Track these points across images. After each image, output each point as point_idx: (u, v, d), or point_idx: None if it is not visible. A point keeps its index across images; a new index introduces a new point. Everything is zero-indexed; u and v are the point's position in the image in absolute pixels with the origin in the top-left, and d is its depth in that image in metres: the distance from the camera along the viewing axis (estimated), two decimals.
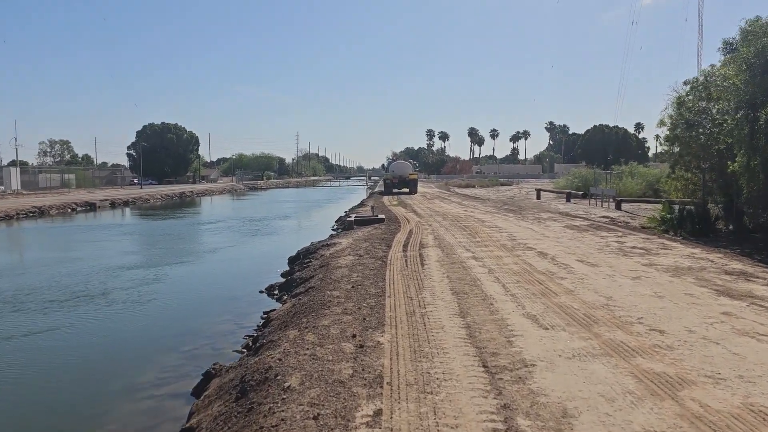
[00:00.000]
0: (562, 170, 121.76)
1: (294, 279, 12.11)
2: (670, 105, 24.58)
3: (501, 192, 58.99)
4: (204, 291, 13.56)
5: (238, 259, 18.87)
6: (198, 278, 15.46)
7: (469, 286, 9.34)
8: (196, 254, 20.08)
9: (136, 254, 20.08)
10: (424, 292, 8.86)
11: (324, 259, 13.29)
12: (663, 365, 5.46)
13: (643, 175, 44.48)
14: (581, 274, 10.37)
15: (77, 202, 46.30)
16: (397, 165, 52.73)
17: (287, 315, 8.44)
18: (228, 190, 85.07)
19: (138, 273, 15.62)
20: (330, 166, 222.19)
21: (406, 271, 10.85)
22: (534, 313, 7.47)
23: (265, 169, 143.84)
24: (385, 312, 7.64)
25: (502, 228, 18.86)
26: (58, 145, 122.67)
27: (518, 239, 15.75)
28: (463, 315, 7.43)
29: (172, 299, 12.44)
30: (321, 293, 8.96)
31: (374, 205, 30.09)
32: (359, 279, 9.96)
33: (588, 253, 13.07)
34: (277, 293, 12.21)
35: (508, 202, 36.45)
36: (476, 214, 25.60)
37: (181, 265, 17.40)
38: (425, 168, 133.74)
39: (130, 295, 12.71)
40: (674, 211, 20.99)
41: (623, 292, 8.72)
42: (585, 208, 31.24)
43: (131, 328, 10.12)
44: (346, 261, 11.98)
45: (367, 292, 8.92)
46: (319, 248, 15.76)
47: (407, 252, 13.41)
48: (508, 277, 10.12)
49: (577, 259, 12.09)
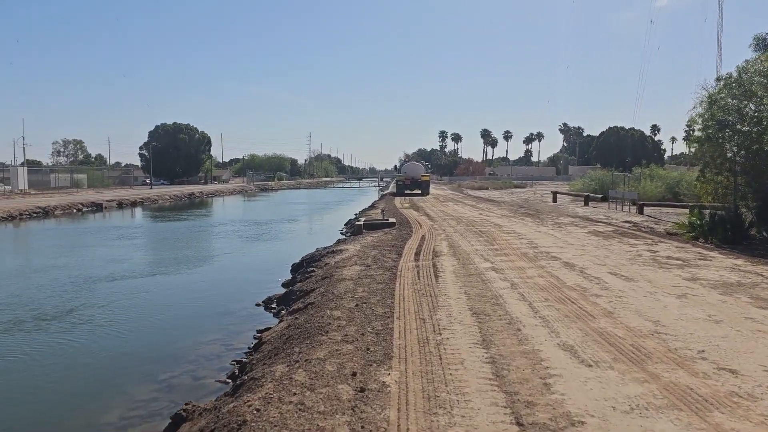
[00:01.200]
0: (576, 172, 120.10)
1: (294, 292, 10.95)
2: (698, 104, 23.20)
3: (515, 194, 57.63)
4: (197, 304, 12.37)
5: (238, 266, 17.73)
6: (192, 288, 14.23)
7: (490, 305, 8.12)
8: (195, 261, 18.81)
9: (128, 261, 18.50)
10: (439, 313, 7.66)
11: (328, 268, 12.12)
12: (752, 426, 4.22)
13: (662, 177, 42.95)
14: (617, 290, 9.12)
15: (83, 203, 45.55)
16: (409, 166, 52.35)
17: (280, 339, 7.28)
18: (238, 191, 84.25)
19: (124, 283, 14.31)
20: (342, 168, 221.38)
21: (418, 284, 9.65)
22: (571, 343, 6.24)
23: (277, 170, 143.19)
24: (393, 339, 6.46)
25: (522, 234, 17.60)
26: (72, 145, 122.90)
27: (540, 247, 14.49)
28: (487, 344, 6.22)
29: (159, 314, 11.24)
30: (320, 312, 7.79)
31: (385, 208, 28.95)
32: (365, 295, 8.77)
33: (619, 264, 11.79)
34: (275, 307, 11.05)
35: (524, 205, 35.12)
36: (492, 218, 24.33)
37: (176, 274, 16.17)
38: (438, 169, 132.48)
39: (109, 311, 11.35)
40: (704, 216, 19.69)
41: (672, 315, 7.47)
42: (605, 212, 29.90)
43: (103, 352, 8.86)
44: (351, 272, 10.79)
45: (373, 312, 7.73)
46: (325, 255, 14.61)
47: (419, 261, 12.21)
48: (535, 293, 8.89)
49: (610, 272, 10.83)
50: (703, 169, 21.03)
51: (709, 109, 19.56)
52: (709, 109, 19.56)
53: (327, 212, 43.44)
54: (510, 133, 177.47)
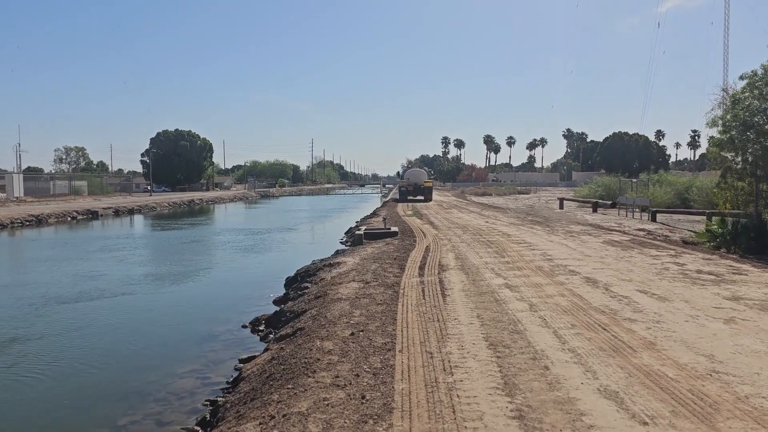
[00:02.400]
0: (580, 178, 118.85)
1: (284, 312, 9.76)
2: (716, 105, 22.01)
3: (520, 201, 56.47)
4: (177, 326, 11.05)
5: (228, 281, 16.42)
6: (174, 308, 12.87)
7: (508, 333, 6.94)
8: (182, 275, 17.31)
9: (105, 276, 16.66)
10: (449, 344, 6.49)
11: (323, 285, 10.95)
12: None
13: (671, 183, 41.77)
14: (653, 313, 7.93)
15: (78, 211, 44.52)
16: (412, 173, 52.41)
17: (260, 377, 6.12)
18: (239, 198, 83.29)
19: (95, 304, 12.85)
20: (344, 174, 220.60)
21: (423, 306, 8.48)
22: (614, 388, 5.06)
23: (280, 177, 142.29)
24: (394, 382, 5.29)
25: (533, 244, 16.41)
26: (74, 152, 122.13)
27: (555, 259, 13.31)
28: (510, 390, 5.05)
29: (131, 340, 9.98)
30: (309, 343, 6.62)
31: (387, 216, 27.77)
32: (362, 320, 7.60)
33: (647, 279, 10.60)
34: (262, 330, 9.87)
35: (531, 212, 33.94)
36: (499, 226, 23.15)
37: (158, 291, 14.73)
38: (440, 176, 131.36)
39: (70, 337, 9.96)
40: (726, 224, 18.53)
41: (726, 348, 6.28)
42: (616, 219, 28.70)
43: (55, 389, 7.60)
44: (348, 290, 9.62)
45: (371, 342, 6.56)
46: (321, 269, 13.45)
47: (424, 277, 11.03)
48: (558, 317, 7.71)
49: (638, 290, 9.64)
50: (724, 174, 19.87)
51: (731, 110, 18.41)
52: (731, 110, 18.41)
53: (327, 220, 42.28)
54: (513, 139, 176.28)
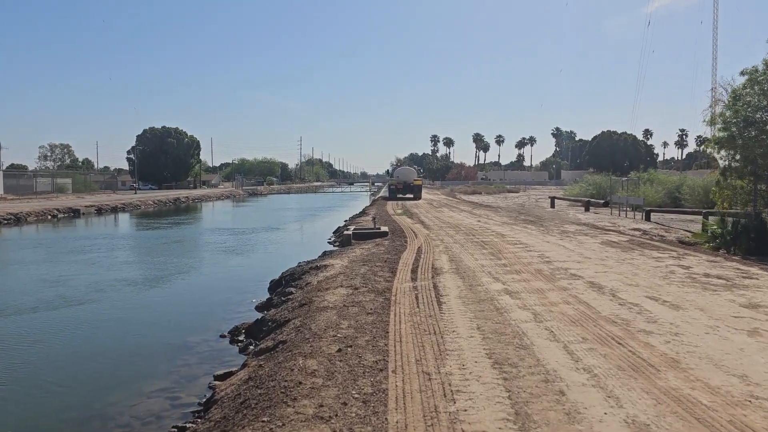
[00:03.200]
0: (569, 177, 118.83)
1: (265, 321, 8.98)
2: (714, 102, 21.47)
3: (509, 199, 56.02)
4: (150, 336, 10.14)
5: (209, 284, 15.48)
6: (149, 315, 11.86)
7: (514, 348, 6.22)
8: (159, 279, 16.15)
9: (76, 281, 15.35)
10: (449, 362, 5.76)
11: (309, 290, 10.18)
12: None
13: (662, 182, 41.41)
14: (668, 323, 7.25)
15: (60, 209, 43.31)
16: (401, 171, 53.06)
17: (233, 402, 5.35)
18: (226, 196, 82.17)
19: (58, 314, 11.61)
20: (333, 172, 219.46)
21: (417, 315, 7.74)
22: (644, 419, 4.35)
23: (268, 174, 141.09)
24: (388, 413, 4.54)
25: (529, 245, 15.74)
26: (59, 149, 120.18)
27: (554, 261, 12.63)
28: (523, 423, 4.32)
29: (97, 352, 9.10)
30: (290, 362, 5.86)
31: (376, 215, 27.02)
32: (350, 333, 6.85)
33: (654, 284, 9.94)
34: (242, 340, 9.08)
35: (522, 211, 33.36)
36: (492, 225, 22.49)
37: (132, 297, 13.47)
38: (430, 174, 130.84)
39: (30, 351, 9.02)
40: (726, 224, 18.01)
41: (758, 365, 5.60)
42: (609, 219, 28.18)
43: (4, 414, 6.71)
44: (335, 297, 8.86)
45: (361, 361, 5.81)
46: (307, 272, 12.68)
47: (417, 281, 10.30)
48: (566, 329, 7.00)
49: (647, 296, 8.97)
50: (724, 173, 19.34)
51: (732, 106, 17.87)
52: (732, 106, 17.87)
53: (315, 219, 41.45)
54: (502, 138, 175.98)
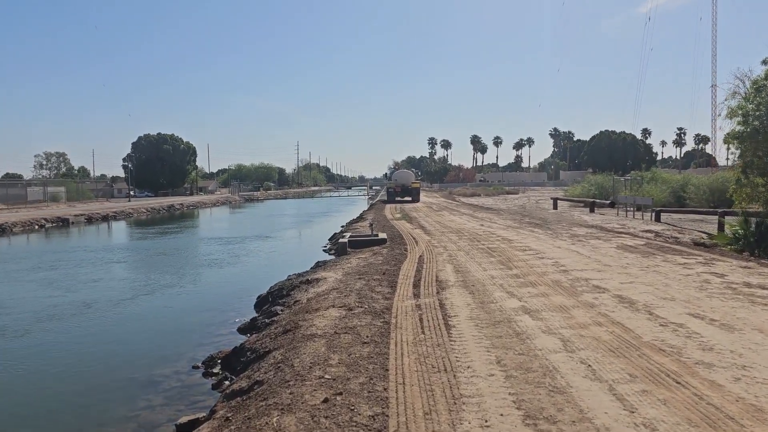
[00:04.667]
0: (568, 177, 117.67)
1: (244, 351, 7.65)
2: (731, 95, 20.23)
3: (509, 201, 54.83)
4: (111, 369, 8.59)
5: (189, 303, 13.65)
6: (114, 342, 10.16)
7: (547, 392, 4.92)
8: (134, 298, 14.10)
9: (28, 303, 13.56)
10: (466, 415, 4.45)
11: (296, 310, 8.87)
12: None
13: (666, 181, 40.28)
14: (727, 351, 5.97)
15: (48, 218, 41.93)
16: (399, 174, 53.65)
17: None
18: (222, 202, 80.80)
19: (16, 342, 9.95)
20: (331, 176, 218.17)
21: (422, 345, 6.44)
22: None
23: (265, 180, 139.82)
24: None
25: (540, 251, 14.45)
26: (54, 158, 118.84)
27: (571, 271, 11.34)
28: None
29: (42, 392, 7.69)
30: (262, 419, 4.54)
31: (374, 220, 25.72)
32: (341, 372, 5.54)
33: (691, 297, 8.66)
34: (218, 372, 7.76)
35: (526, 214, 32.09)
36: (496, 229, 21.20)
37: (96, 321, 11.64)
38: (428, 177, 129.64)
39: None
40: (750, 225, 16.84)
41: None
42: (617, 220, 26.96)
43: None
44: (325, 321, 7.55)
45: (353, 417, 4.49)
46: (297, 287, 11.38)
47: (420, 298, 9.01)
48: (607, 362, 5.70)
49: (689, 313, 7.69)
50: (744, 170, 18.09)
51: (753, 98, 16.65)
52: (753, 98, 16.65)
53: (311, 225, 40.14)
54: (500, 139, 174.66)
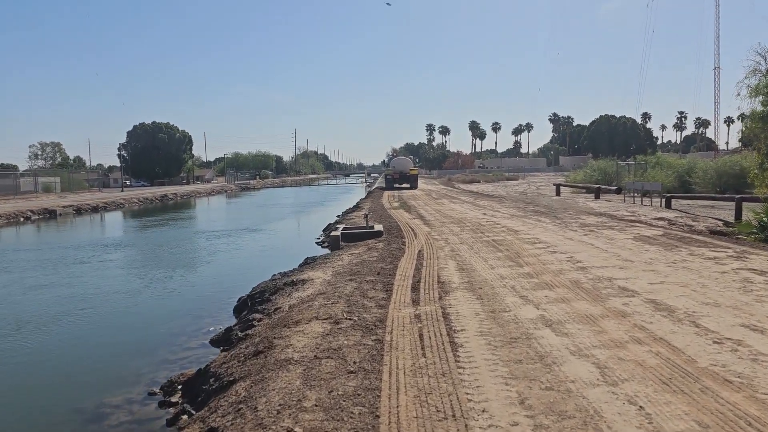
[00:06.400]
0: (568, 163, 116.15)
1: (208, 376, 6.35)
2: (750, 73, 18.89)
3: (510, 187, 53.59)
4: (52, 393, 7.23)
5: (161, 307, 12.01)
6: (63, 358, 8.77)
7: None
8: (98, 302, 12.41)
9: None
10: None
11: (275, 322, 7.56)
12: None
13: (671, 166, 39.07)
14: None
15: (34, 210, 40.55)
16: (397, 161, 53.76)
17: None
18: (217, 191, 79.45)
19: None
20: (329, 164, 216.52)
21: (424, 375, 5.14)
22: None
23: (263, 168, 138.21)
24: None
25: (551, 244, 13.14)
26: (50, 148, 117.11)
27: (590, 268, 10.04)
28: None
29: None
30: None
31: (371, 210, 24.44)
32: (317, 421, 4.22)
33: (738, 301, 7.36)
34: (176, 402, 6.46)
35: (529, 201, 30.79)
36: (500, 219, 19.88)
37: (42, 333, 10.09)
38: (426, 163, 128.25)
39: None
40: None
41: None
42: (625, 207, 25.74)
43: None
44: (305, 341, 6.23)
45: None
46: (281, 289, 10.09)
47: (420, 305, 7.70)
48: (662, 400, 4.42)
49: (743, 324, 6.39)
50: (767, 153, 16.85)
51: None
52: None
53: (306, 214, 38.83)
54: (498, 125, 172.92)
